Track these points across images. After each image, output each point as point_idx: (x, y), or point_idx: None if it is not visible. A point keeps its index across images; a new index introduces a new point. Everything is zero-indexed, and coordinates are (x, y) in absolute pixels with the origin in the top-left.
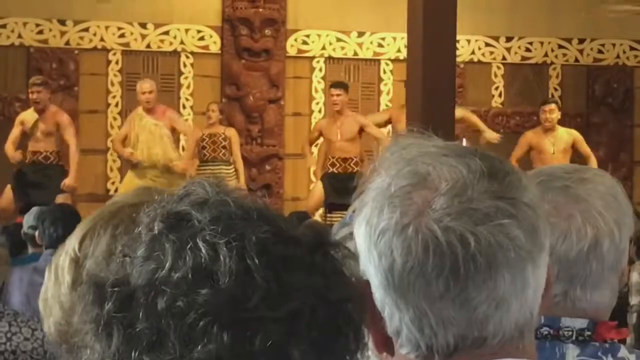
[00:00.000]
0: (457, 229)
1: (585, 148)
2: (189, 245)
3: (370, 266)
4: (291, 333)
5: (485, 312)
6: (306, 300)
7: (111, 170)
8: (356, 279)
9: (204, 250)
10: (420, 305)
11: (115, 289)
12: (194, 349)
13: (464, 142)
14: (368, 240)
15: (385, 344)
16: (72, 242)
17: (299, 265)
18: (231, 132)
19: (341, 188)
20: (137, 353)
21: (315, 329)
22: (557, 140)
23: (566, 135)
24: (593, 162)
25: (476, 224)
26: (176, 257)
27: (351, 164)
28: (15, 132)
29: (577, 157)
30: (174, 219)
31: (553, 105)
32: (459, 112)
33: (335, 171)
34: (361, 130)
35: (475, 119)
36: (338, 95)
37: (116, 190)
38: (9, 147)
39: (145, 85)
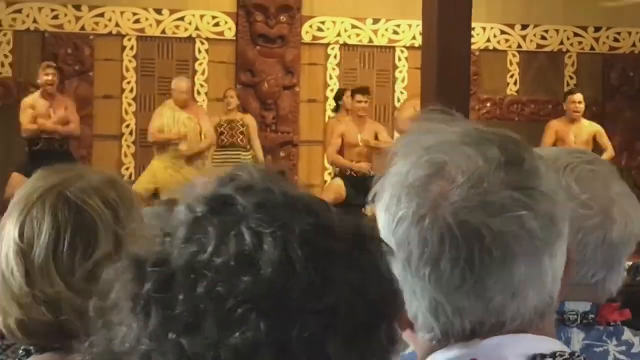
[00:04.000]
0: (473, 222)
1: (605, 140)
2: (233, 232)
3: None
4: (328, 327)
5: (501, 301)
6: (344, 295)
7: (125, 155)
8: (396, 280)
9: (247, 238)
10: (436, 295)
11: (156, 269)
12: (231, 335)
13: None
14: (387, 227)
15: (408, 323)
16: (9, 235)
17: (339, 260)
18: (249, 119)
19: (362, 188)
20: (174, 335)
21: (350, 325)
22: (580, 132)
23: (589, 127)
24: (609, 153)
25: (492, 215)
26: (219, 242)
27: (369, 170)
28: (28, 114)
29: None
30: (218, 203)
31: (580, 96)
32: None
33: (353, 174)
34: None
35: None
36: (366, 102)
37: (131, 176)
38: (31, 127)
39: (183, 85)
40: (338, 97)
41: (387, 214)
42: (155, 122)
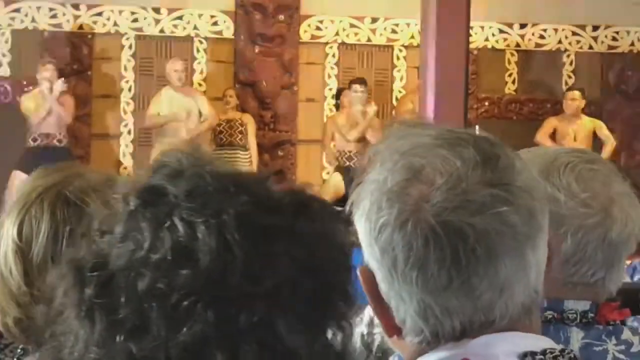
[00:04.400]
0: (455, 222)
1: (605, 132)
2: (166, 225)
3: (373, 261)
4: (276, 307)
5: (489, 298)
6: (289, 272)
7: (124, 155)
8: (345, 243)
9: (181, 230)
10: (425, 298)
11: (95, 273)
12: (179, 332)
13: (477, 129)
14: (369, 235)
15: (395, 329)
16: (8, 234)
17: (280, 235)
18: (247, 118)
19: None
20: (121, 339)
21: (301, 300)
22: (580, 129)
23: (589, 123)
24: (611, 144)
25: (473, 214)
26: (154, 237)
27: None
28: (32, 105)
29: (595, 143)
30: (149, 194)
31: (576, 93)
32: None
33: (352, 165)
34: None
35: None
36: (362, 92)
37: (129, 176)
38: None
39: (178, 64)
40: (338, 96)
41: (367, 222)
42: (153, 108)
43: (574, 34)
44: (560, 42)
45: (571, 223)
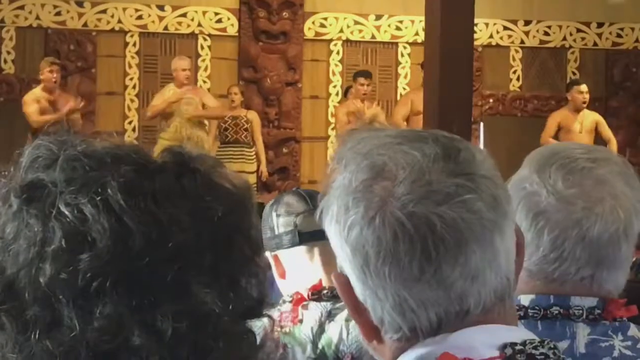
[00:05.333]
0: (422, 213)
1: (606, 131)
2: (53, 214)
3: (346, 263)
4: (184, 267)
5: (462, 287)
6: (188, 229)
7: None
8: (237, 186)
9: (69, 215)
10: (399, 291)
11: None
12: (92, 318)
13: (481, 126)
14: (339, 237)
15: (374, 332)
16: None
17: (169, 196)
18: (253, 115)
19: None
20: (36, 339)
21: (207, 254)
22: (585, 120)
23: (591, 115)
24: (613, 145)
25: (439, 204)
26: (44, 229)
27: None
28: (35, 107)
29: (597, 139)
30: (28, 190)
31: (584, 87)
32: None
33: None
34: None
35: None
36: (368, 85)
37: None
38: (43, 118)
39: (185, 63)
40: (346, 94)
41: (337, 225)
42: (156, 100)
43: (578, 30)
44: (564, 38)
45: (549, 218)
